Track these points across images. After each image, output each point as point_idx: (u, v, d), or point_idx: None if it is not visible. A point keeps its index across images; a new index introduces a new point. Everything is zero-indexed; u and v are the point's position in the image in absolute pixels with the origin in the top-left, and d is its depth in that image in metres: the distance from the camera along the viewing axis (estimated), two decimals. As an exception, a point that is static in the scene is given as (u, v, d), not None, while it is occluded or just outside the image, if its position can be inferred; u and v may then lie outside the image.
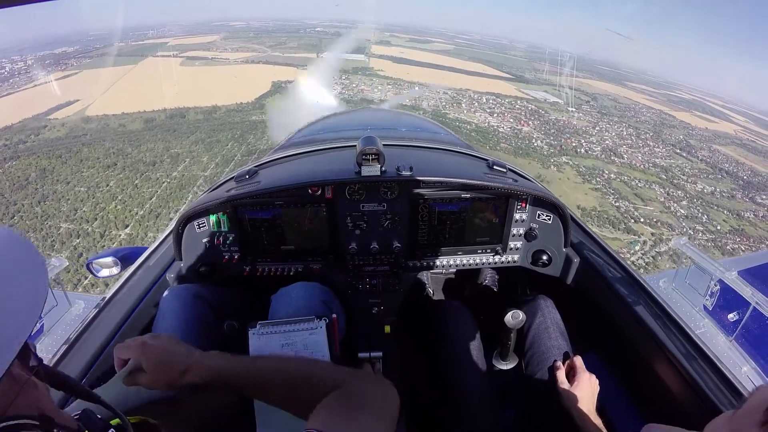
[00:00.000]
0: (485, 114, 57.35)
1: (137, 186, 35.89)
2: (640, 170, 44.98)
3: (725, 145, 55.91)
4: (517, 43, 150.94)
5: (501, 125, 54.27)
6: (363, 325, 2.05)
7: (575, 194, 38.14)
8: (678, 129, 60.04)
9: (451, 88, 66.82)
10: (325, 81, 58.19)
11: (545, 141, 50.10)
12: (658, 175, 44.45)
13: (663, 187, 41.75)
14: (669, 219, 36.71)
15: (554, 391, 1.63)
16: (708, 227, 36.34)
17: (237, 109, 56.84)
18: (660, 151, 50.52)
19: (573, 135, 51.87)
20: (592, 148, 48.65)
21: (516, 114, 57.61)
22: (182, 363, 1.06)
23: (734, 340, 2.60)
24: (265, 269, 2.04)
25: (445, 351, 1.86)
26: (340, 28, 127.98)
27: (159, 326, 1.57)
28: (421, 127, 3.80)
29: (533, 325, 1.85)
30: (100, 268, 2.28)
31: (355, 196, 1.94)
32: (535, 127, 53.82)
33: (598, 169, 44.03)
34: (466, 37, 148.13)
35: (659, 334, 1.59)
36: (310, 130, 3.59)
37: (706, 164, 48.48)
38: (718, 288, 2.73)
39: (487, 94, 64.57)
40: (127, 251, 2.31)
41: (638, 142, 52.44)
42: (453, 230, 2.04)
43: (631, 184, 41.66)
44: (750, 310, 2.54)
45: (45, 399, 0.67)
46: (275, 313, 1.59)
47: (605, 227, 34.21)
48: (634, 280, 1.88)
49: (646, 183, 42.33)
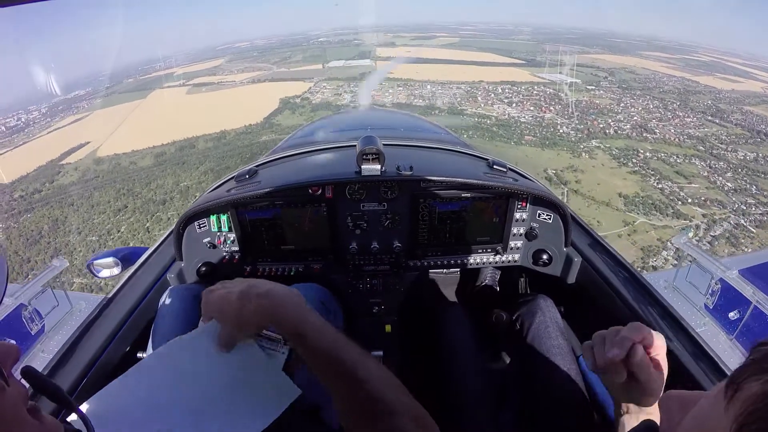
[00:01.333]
0: (503, 105, 55.46)
1: (149, 230, 34.41)
2: (675, 144, 42.85)
3: (756, 105, 53.46)
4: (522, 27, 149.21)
5: (522, 115, 52.25)
6: (363, 325, 2.07)
7: (613, 181, 35.91)
8: (704, 94, 57.58)
9: (464, 82, 65.31)
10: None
11: (570, 126, 47.81)
12: (695, 147, 42.25)
13: (704, 160, 39.38)
14: (717, 195, 34.42)
15: (554, 391, 1.62)
16: (760, 198, 33.83)
17: (246, 131, 55.63)
18: (691, 121, 48.33)
19: (598, 115, 49.64)
20: (620, 127, 46.42)
21: (535, 101, 55.61)
22: (284, 300, 0.97)
23: (735, 339, 2.56)
24: (266, 269, 2.05)
25: (445, 350, 1.86)
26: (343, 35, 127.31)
27: (159, 326, 1.58)
28: (421, 126, 3.81)
29: (533, 325, 1.84)
30: (101, 268, 2.28)
31: (355, 196, 1.95)
32: (557, 112, 51.85)
33: (632, 149, 41.81)
34: (470, 28, 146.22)
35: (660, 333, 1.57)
36: (310, 130, 3.59)
37: (741, 128, 46.21)
38: (719, 287, 2.70)
39: (501, 84, 62.81)
40: (128, 251, 2.32)
41: (667, 114, 50.30)
42: (453, 230, 2.04)
43: (669, 161, 39.26)
44: (751, 309, 2.52)
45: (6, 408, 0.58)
46: None
47: (652, 214, 31.98)
48: (634, 279, 1.87)
49: (685, 158, 39.94)
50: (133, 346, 1.73)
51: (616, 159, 40.17)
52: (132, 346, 1.73)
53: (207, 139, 53.09)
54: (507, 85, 62.44)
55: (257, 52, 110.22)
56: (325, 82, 72.24)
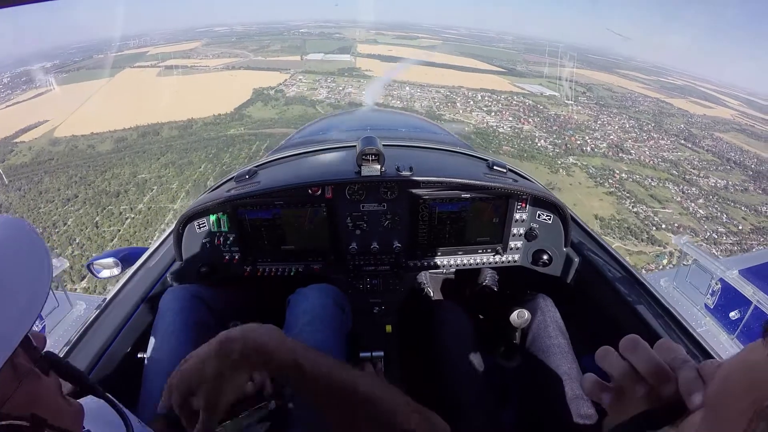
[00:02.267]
0: (482, 113, 55.71)
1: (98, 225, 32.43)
2: (650, 167, 43.99)
3: (726, 132, 55.52)
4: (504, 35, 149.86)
5: (500, 125, 52.66)
6: (364, 325, 2.05)
7: (590, 201, 36.50)
8: (677, 117, 59.49)
9: (443, 86, 64.90)
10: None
11: (549, 140, 48.57)
12: (668, 170, 43.43)
13: (677, 185, 40.61)
14: (690, 222, 35.57)
15: (554, 391, 1.62)
16: (729, 228, 35.24)
17: (214, 122, 52.98)
18: (665, 144, 49.76)
19: (576, 131, 50.73)
20: (597, 145, 47.60)
21: (514, 111, 56.14)
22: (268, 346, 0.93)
23: (736, 339, 2.61)
24: (266, 269, 2.04)
25: (445, 350, 1.85)
26: (325, 29, 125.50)
27: (158, 326, 1.58)
28: (420, 127, 3.81)
29: (533, 325, 1.85)
30: (101, 268, 2.27)
31: (355, 197, 1.94)
32: (536, 125, 52.48)
33: (608, 168, 42.76)
34: (453, 32, 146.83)
35: (661, 333, 1.59)
36: (310, 130, 3.60)
37: (712, 155, 47.78)
38: (720, 287, 2.75)
39: (481, 91, 62.97)
40: (128, 252, 2.31)
41: (642, 134, 51.70)
42: (453, 230, 2.04)
43: (644, 184, 40.36)
44: (751, 309, 2.56)
45: (48, 394, 0.65)
46: (292, 312, 1.61)
47: (628, 239, 32.74)
48: (634, 279, 1.87)
49: (659, 181, 41.16)
50: (133, 346, 1.72)
51: (592, 178, 40.88)
52: (132, 347, 1.71)
53: (173, 126, 50.51)
54: (487, 92, 62.66)
55: (236, 38, 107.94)
56: (301, 75, 70.67)
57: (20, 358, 0.61)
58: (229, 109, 55.72)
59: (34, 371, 0.63)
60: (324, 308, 1.60)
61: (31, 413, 0.60)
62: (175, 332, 1.53)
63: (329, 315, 1.59)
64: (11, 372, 0.58)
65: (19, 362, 0.60)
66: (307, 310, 1.57)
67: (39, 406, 0.62)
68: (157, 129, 49.45)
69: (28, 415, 0.59)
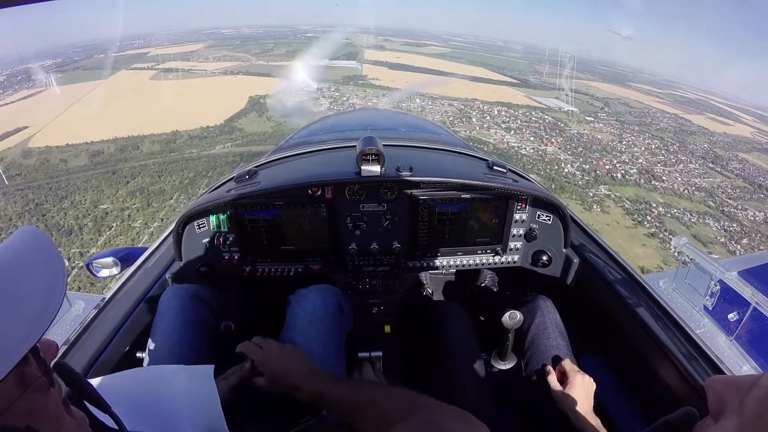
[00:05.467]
0: (501, 130, 51.43)
1: None
2: (685, 197, 41.31)
3: (748, 152, 53.34)
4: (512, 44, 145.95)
5: (522, 145, 48.24)
6: (363, 325, 2.05)
7: (632, 248, 32.69)
8: (699, 136, 57.03)
9: (456, 99, 60.52)
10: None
11: (576, 165, 44.65)
12: (705, 201, 40.64)
13: (717, 220, 37.56)
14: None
15: (553, 392, 1.62)
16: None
17: (201, 135, 47.12)
18: (694, 168, 47.09)
19: (602, 153, 47.38)
20: (627, 171, 44.35)
21: (534, 129, 52.28)
22: (296, 381, 1.26)
23: (734, 340, 2.59)
24: (265, 270, 2.04)
25: (444, 351, 1.85)
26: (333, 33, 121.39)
27: (157, 326, 1.58)
28: (421, 127, 3.81)
29: (533, 326, 1.85)
30: (100, 268, 2.28)
31: (355, 197, 1.94)
32: (559, 145, 48.71)
33: (643, 200, 39.55)
34: (461, 40, 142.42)
35: (659, 334, 1.59)
36: (310, 131, 3.60)
37: (743, 180, 45.45)
38: (719, 288, 2.72)
39: (497, 105, 58.76)
40: (127, 251, 2.31)
41: (670, 157, 48.95)
42: (453, 231, 2.04)
43: (684, 220, 37.20)
44: (750, 311, 2.54)
45: (52, 405, 0.63)
46: (293, 312, 1.62)
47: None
48: (634, 280, 1.87)
49: (698, 216, 38.06)
50: (132, 346, 1.72)
51: (630, 215, 37.55)
52: (131, 347, 1.72)
53: (154, 140, 44.84)
54: (503, 107, 58.73)
55: (240, 40, 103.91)
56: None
57: (29, 367, 0.59)
58: (219, 120, 50.38)
59: (42, 381, 0.61)
60: (324, 308, 1.61)
61: (26, 425, 0.57)
62: (174, 332, 1.54)
63: (329, 315, 1.60)
64: (17, 381, 0.57)
65: (28, 371, 0.59)
66: (308, 310, 1.59)
67: (40, 419, 0.60)
68: (137, 142, 44.34)
69: (23, 427, 0.57)
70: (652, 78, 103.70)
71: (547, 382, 1.65)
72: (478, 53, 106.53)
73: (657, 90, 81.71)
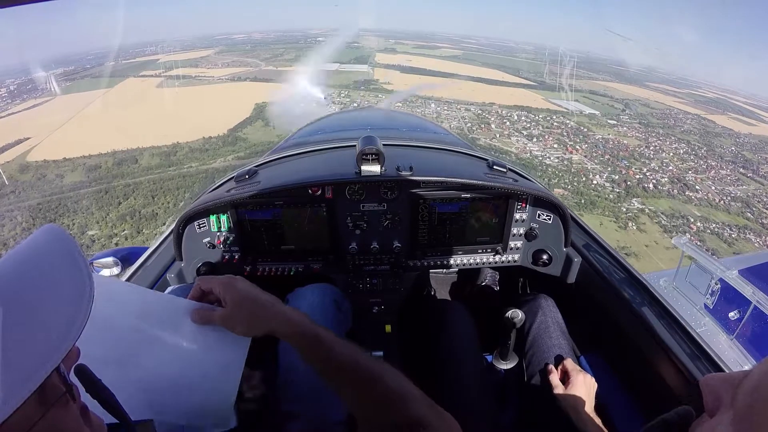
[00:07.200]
0: (522, 138, 47.71)
1: None
2: (722, 209, 38.22)
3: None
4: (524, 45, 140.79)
5: (545, 153, 44.12)
6: (363, 325, 2.05)
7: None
8: (725, 138, 54.03)
9: (473, 103, 57.22)
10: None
11: (604, 175, 41.32)
12: (742, 213, 37.75)
13: (758, 235, 34.81)
14: None
15: (554, 392, 1.61)
16: None
17: (202, 147, 43.04)
18: (726, 174, 44.16)
19: (630, 161, 44.31)
20: (658, 180, 41.42)
21: (557, 135, 48.59)
22: (267, 308, 1.01)
23: (735, 339, 2.58)
24: (266, 269, 2.05)
25: (445, 350, 1.85)
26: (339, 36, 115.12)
27: None
28: (421, 126, 3.81)
29: (534, 325, 1.84)
30: (101, 267, 2.30)
31: (355, 196, 1.95)
32: (585, 153, 45.35)
33: (679, 214, 36.43)
34: (472, 41, 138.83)
35: (660, 333, 1.58)
36: (310, 130, 3.61)
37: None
38: (719, 287, 2.73)
39: (515, 109, 55.45)
40: (128, 251, 2.34)
41: (699, 162, 45.90)
42: (453, 230, 2.04)
43: (724, 236, 34.23)
44: (751, 309, 2.54)
45: (73, 420, 0.58)
46: None
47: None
48: (635, 279, 1.86)
49: (737, 230, 35.01)
50: None
51: (668, 232, 34.31)
52: None
53: (154, 153, 42.62)
54: (522, 111, 55.22)
55: (250, 46, 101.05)
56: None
57: (50, 380, 0.52)
58: (222, 130, 47.72)
59: (65, 397, 0.56)
60: (322, 307, 1.61)
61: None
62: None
63: (328, 314, 1.61)
64: (38, 401, 0.51)
65: (49, 386, 0.53)
66: (305, 309, 1.57)
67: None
68: (136, 155, 41.91)
69: None
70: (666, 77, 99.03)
71: (548, 381, 1.64)
72: (490, 55, 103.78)
73: (675, 89, 78.18)
